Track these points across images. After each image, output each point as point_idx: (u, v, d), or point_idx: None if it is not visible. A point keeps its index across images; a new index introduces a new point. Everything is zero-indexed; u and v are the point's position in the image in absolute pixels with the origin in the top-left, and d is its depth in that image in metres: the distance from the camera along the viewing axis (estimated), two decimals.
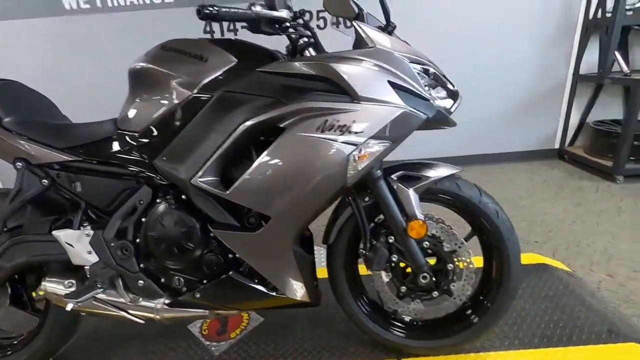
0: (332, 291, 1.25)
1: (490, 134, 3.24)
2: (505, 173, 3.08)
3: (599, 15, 2.81)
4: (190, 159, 1.00)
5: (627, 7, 2.69)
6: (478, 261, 1.20)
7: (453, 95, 1.12)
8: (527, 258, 1.81)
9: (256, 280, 1.10)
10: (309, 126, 0.93)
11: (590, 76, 2.97)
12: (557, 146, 3.31)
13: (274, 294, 1.11)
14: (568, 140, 3.27)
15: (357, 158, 0.95)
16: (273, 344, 1.36)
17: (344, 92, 0.93)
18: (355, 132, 0.93)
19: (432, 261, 1.18)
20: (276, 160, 0.94)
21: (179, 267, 1.09)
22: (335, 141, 0.93)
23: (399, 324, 1.25)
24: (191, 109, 1.02)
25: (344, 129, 0.93)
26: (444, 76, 1.10)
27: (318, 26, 2.90)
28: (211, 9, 0.83)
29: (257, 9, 0.86)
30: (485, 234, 1.15)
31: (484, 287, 1.20)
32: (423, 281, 1.12)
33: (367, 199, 1.12)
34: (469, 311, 1.20)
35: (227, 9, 0.86)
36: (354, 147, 0.93)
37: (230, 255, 1.08)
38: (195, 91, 1.01)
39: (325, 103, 0.93)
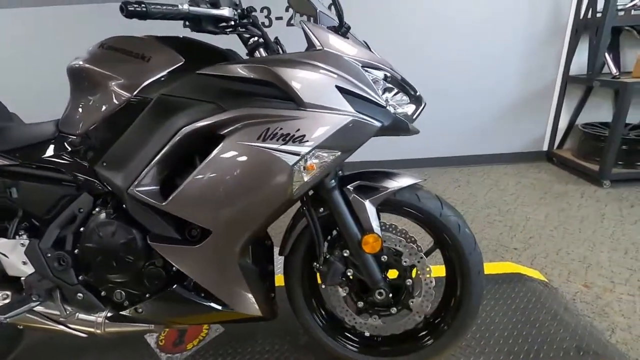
0: (289, 302, 1.19)
1: (478, 135, 3.18)
2: (491, 175, 3.03)
3: (590, 15, 2.73)
4: (128, 166, 0.94)
5: (619, 7, 2.62)
6: (442, 274, 1.15)
7: (416, 101, 1.05)
8: (503, 267, 1.76)
9: (203, 295, 1.04)
10: (249, 134, 0.86)
11: (580, 78, 2.90)
12: (545, 148, 3.25)
13: (223, 308, 1.05)
14: (557, 142, 3.21)
15: (302, 169, 0.89)
16: (230, 356, 1.31)
17: (289, 98, 0.87)
18: (300, 142, 0.86)
19: (393, 274, 1.13)
20: (214, 171, 0.88)
21: (119, 280, 1.03)
22: (278, 151, 0.86)
23: (356, 339, 1.19)
24: (131, 112, 0.95)
25: (287, 138, 0.86)
26: (405, 81, 1.04)
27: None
28: (137, 5, 0.75)
29: (185, 7, 0.79)
30: (447, 249, 1.09)
31: (444, 306, 1.14)
32: (379, 297, 1.06)
33: (322, 209, 1.06)
34: (424, 332, 1.14)
35: (158, 7, 0.79)
36: (298, 157, 0.87)
37: (173, 269, 1.02)
38: (135, 94, 0.95)
39: (267, 110, 0.86)
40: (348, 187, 1.04)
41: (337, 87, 0.88)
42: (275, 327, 1.42)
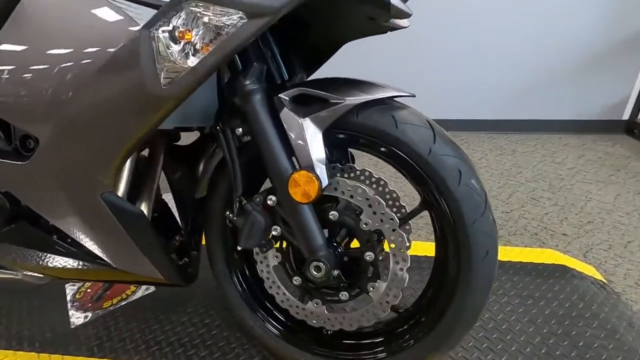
0: (209, 264, 0.86)
1: (534, 95, 2.54)
2: (546, 145, 2.42)
3: None
4: None
5: None
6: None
7: None
8: (542, 255, 1.28)
9: (69, 241, 0.74)
10: None
11: None
12: (626, 117, 2.53)
13: (98, 263, 0.74)
14: None
15: (171, 40, 0.51)
16: (146, 323, 1.02)
17: None
18: None
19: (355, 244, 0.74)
20: (20, 35, 0.52)
21: None
22: None
23: (282, 319, 0.84)
24: None
25: None
26: None
27: None
28: None
29: None
30: (436, 211, 0.67)
31: (424, 301, 0.74)
32: (315, 273, 0.68)
33: (240, 130, 0.69)
34: (380, 338, 0.75)
35: None
36: (158, 14, 0.49)
37: None
38: None
39: None
40: (281, 95, 0.64)
41: None
42: (216, 293, 1.11)
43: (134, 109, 0.56)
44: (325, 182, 0.63)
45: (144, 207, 0.76)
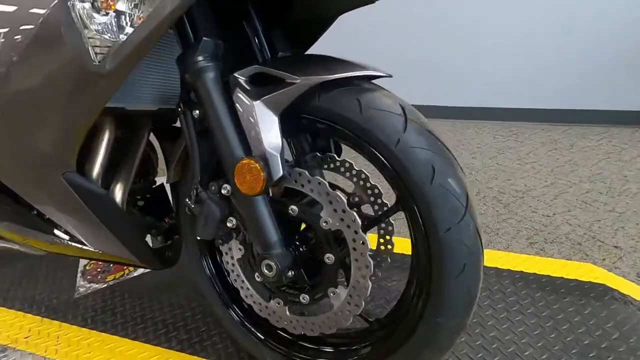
0: (184, 245, 0.85)
1: (606, 81, 2.18)
2: (613, 141, 2.08)
3: None
4: None
5: None
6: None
7: None
8: (578, 269, 1.10)
9: (46, 217, 0.75)
10: None
11: None
12: None
13: (75, 240, 0.76)
14: None
15: (88, 8, 0.47)
16: (140, 300, 1.05)
17: None
18: None
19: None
20: None
21: None
22: None
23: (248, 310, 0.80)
24: None
25: None
26: None
27: None
28: None
29: None
30: (409, 213, 0.57)
31: (394, 318, 0.64)
32: (267, 272, 0.62)
33: (198, 112, 0.64)
34: (328, 348, 0.67)
35: None
36: None
37: None
38: None
39: None
40: (236, 74, 0.58)
41: None
42: None
43: (73, 86, 0.53)
44: (278, 173, 0.56)
45: (118, 189, 0.76)
